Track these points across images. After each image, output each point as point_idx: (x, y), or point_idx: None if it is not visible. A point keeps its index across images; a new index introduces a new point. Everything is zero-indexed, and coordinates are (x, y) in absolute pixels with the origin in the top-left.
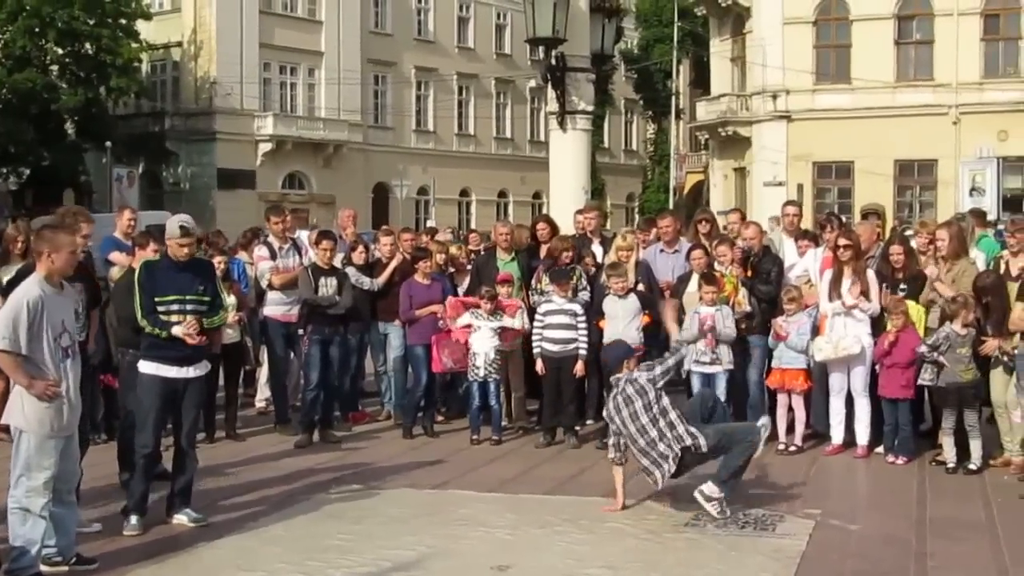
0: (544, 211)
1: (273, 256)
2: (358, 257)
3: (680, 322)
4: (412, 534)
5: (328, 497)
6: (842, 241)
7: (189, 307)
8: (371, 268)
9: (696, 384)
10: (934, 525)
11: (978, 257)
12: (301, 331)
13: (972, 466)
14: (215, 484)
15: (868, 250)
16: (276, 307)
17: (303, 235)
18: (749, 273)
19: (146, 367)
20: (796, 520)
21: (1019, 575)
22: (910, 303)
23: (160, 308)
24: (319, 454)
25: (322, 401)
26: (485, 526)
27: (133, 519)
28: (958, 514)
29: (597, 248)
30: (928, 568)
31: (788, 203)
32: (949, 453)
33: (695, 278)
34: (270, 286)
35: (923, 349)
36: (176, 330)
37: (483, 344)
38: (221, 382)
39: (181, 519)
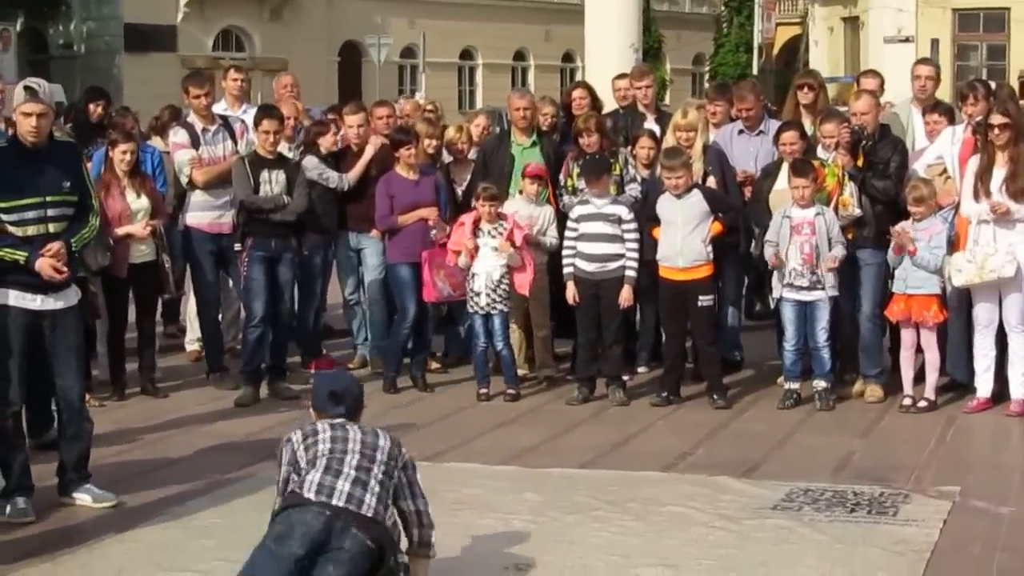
0: (579, 78)
1: (195, 143)
2: (326, 143)
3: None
4: None
5: None
6: (996, 118)
7: (52, 212)
8: (338, 159)
9: (789, 315)
10: None
11: None
12: (237, 246)
13: None
14: (127, 456)
15: None
16: (201, 213)
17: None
18: (860, 163)
19: None
20: (926, 501)
21: None
22: None
23: (10, 217)
24: (268, 414)
25: (270, 342)
26: (496, 511)
27: (19, 501)
28: None
29: (652, 126)
30: None
31: (920, 61)
32: None
33: (785, 169)
34: (191, 184)
35: None
36: (40, 265)
37: (484, 263)
38: (132, 319)
39: (83, 499)
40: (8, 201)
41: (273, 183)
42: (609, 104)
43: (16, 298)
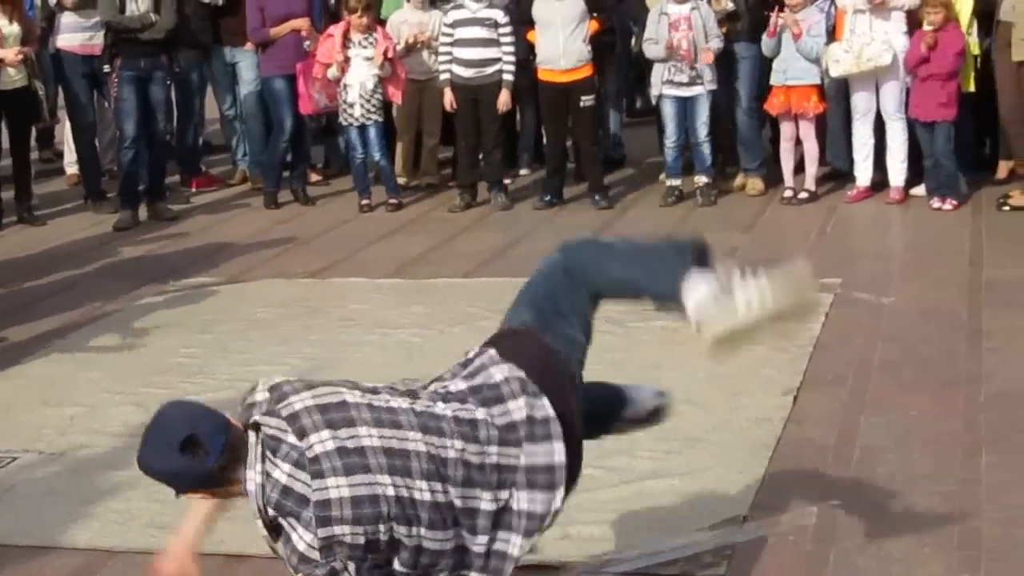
0: None
1: None
2: None
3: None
4: (282, 343)
5: (162, 299)
6: None
7: None
8: None
9: (669, 111)
10: (993, 292)
11: None
12: (107, 67)
13: None
14: (6, 289)
15: None
16: (72, 35)
17: None
18: None
19: None
20: None
21: None
22: None
23: None
24: (147, 236)
25: (147, 163)
26: (383, 326)
27: None
28: None
29: None
30: (983, 350)
31: None
32: None
33: None
34: (60, 5)
35: None
36: None
37: (356, 73)
38: (5, 145)
39: None
40: None
41: (139, 1)
42: None
43: None
